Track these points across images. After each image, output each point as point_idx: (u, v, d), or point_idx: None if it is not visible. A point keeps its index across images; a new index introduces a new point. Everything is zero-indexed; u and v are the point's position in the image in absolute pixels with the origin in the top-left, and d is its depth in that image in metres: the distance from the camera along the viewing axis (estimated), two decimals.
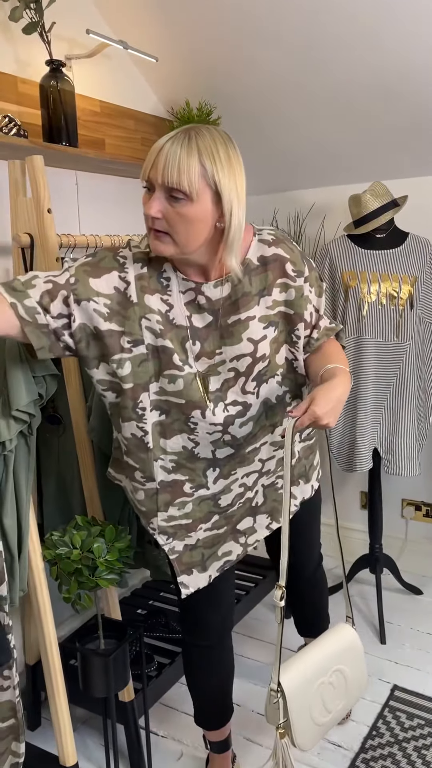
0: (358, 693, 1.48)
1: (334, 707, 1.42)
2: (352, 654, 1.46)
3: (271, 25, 2.29)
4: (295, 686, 1.34)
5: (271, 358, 1.36)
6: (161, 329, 1.28)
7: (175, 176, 1.13)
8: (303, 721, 1.35)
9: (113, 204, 2.57)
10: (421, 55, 2.22)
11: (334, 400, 1.21)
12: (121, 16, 2.42)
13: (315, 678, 1.38)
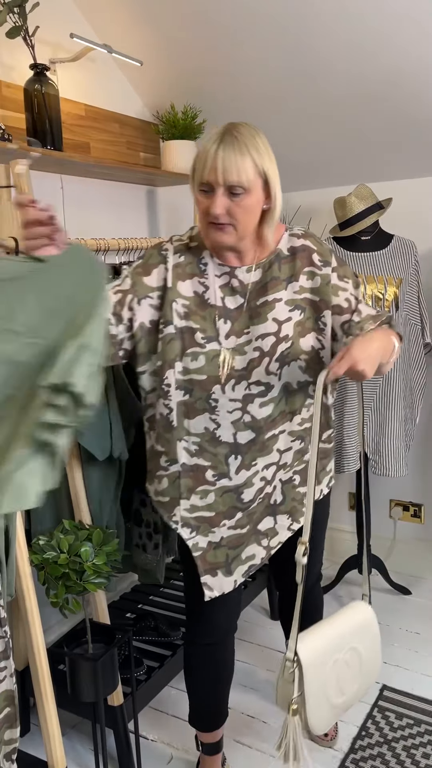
0: (372, 676, 1.41)
1: (349, 688, 1.34)
2: (368, 633, 1.40)
3: (256, 30, 2.30)
4: (312, 657, 1.26)
5: (294, 340, 1.42)
6: (187, 312, 1.40)
7: (235, 176, 1.27)
8: (318, 697, 1.27)
9: (99, 207, 2.57)
10: (406, 60, 2.24)
11: (372, 350, 1.26)
12: (105, 20, 2.43)
13: (331, 653, 1.31)
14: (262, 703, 2.15)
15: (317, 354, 1.47)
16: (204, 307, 1.41)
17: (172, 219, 3.01)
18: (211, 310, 1.41)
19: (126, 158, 2.64)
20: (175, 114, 2.61)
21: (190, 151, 2.64)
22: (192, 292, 1.42)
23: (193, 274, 1.42)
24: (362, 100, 2.45)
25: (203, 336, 1.41)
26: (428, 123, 2.46)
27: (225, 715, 1.77)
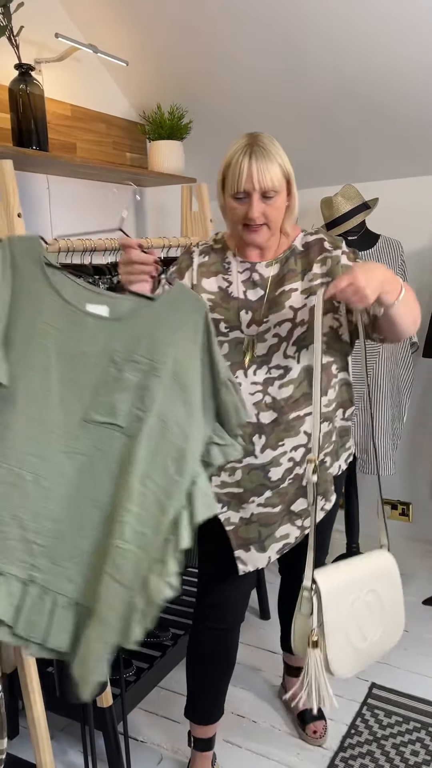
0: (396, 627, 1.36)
1: (371, 634, 1.29)
2: (389, 579, 1.35)
3: (243, 31, 2.30)
4: (330, 587, 1.23)
5: (310, 323, 1.50)
6: (212, 305, 1.54)
7: (269, 182, 1.41)
8: (338, 632, 1.22)
9: (85, 208, 2.56)
10: (391, 61, 2.25)
11: (375, 273, 1.29)
12: (90, 20, 2.42)
13: (349, 590, 1.27)
14: (252, 703, 2.15)
15: (336, 333, 1.54)
16: (228, 300, 1.55)
17: (160, 219, 3.00)
18: (234, 302, 1.54)
19: (112, 158, 2.64)
20: (161, 114, 2.61)
21: (177, 152, 2.64)
22: (217, 287, 1.56)
23: (218, 271, 1.57)
24: (348, 101, 2.46)
25: (227, 326, 1.53)
26: (414, 123, 2.48)
27: (221, 711, 1.79)
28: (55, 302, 1.18)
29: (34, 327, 1.17)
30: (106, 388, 1.18)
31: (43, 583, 1.18)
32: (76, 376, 1.18)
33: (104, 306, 1.19)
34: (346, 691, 2.18)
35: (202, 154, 2.94)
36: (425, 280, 2.80)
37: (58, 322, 1.17)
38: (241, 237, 1.51)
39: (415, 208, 2.79)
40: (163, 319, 1.20)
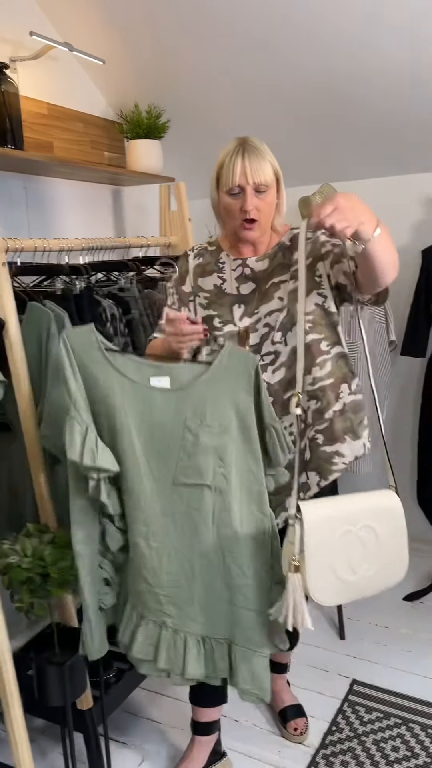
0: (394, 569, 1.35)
1: (362, 570, 1.30)
2: (391, 519, 1.34)
3: (218, 29, 2.30)
4: (315, 517, 1.27)
5: (290, 306, 1.58)
6: (208, 302, 1.65)
7: (262, 177, 1.51)
8: (319, 561, 1.27)
9: (63, 207, 2.55)
10: (369, 59, 2.26)
11: (355, 201, 1.34)
12: (66, 18, 2.40)
13: (340, 522, 1.29)
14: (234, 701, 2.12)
15: (322, 308, 1.59)
16: (222, 296, 1.65)
17: (139, 218, 2.99)
18: (227, 298, 1.64)
19: (90, 157, 2.63)
20: (139, 113, 2.60)
21: (155, 151, 2.63)
22: (212, 285, 1.66)
23: (213, 271, 1.67)
24: (325, 101, 2.47)
25: (220, 320, 1.63)
26: (391, 123, 2.49)
27: (224, 694, 1.79)
28: (123, 383, 1.33)
29: (112, 409, 1.33)
30: (187, 453, 1.33)
31: (173, 626, 1.43)
32: (157, 446, 1.34)
33: (166, 377, 1.32)
34: (327, 688, 2.19)
35: (181, 153, 2.94)
36: (404, 278, 2.81)
37: (130, 401, 1.32)
38: (235, 234, 1.60)
39: (392, 208, 2.80)
40: (222, 381, 1.31)
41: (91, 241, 2.09)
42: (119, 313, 1.94)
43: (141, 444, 1.34)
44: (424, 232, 2.76)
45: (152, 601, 1.42)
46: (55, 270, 1.84)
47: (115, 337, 1.92)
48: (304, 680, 2.23)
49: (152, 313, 2.12)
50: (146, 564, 1.41)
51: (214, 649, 1.47)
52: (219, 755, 1.88)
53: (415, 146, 2.58)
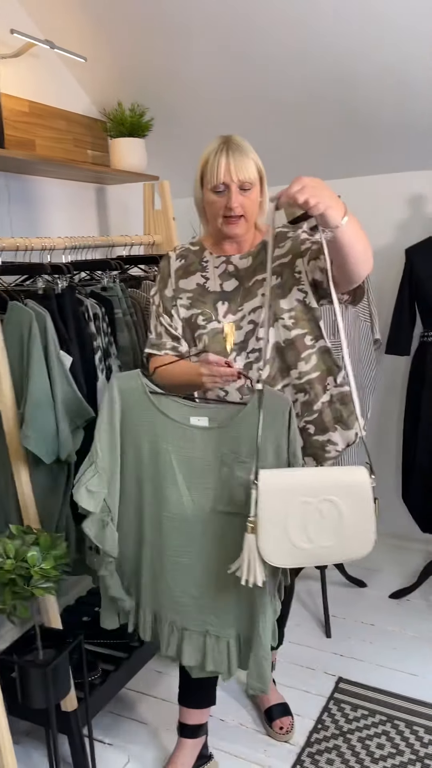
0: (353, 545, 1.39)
1: (320, 540, 1.36)
2: (357, 497, 1.37)
3: (202, 28, 2.29)
4: (272, 485, 1.36)
5: (273, 303, 1.60)
6: (191, 302, 1.66)
7: (246, 174, 1.53)
8: (272, 525, 1.35)
9: (46, 206, 2.53)
10: (349, 60, 2.26)
11: (321, 184, 1.34)
12: (48, 15, 2.39)
13: (299, 492, 1.35)
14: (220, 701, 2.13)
15: (303, 304, 1.62)
16: (205, 294, 1.66)
17: (123, 217, 2.98)
18: (211, 296, 1.65)
19: (74, 156, 2.61)
20: (122, 111, 2.59)
21: (139, 149, 2.62)
22: (195, 284, 1.67)
23: (196, 270, 1.68)
24: (308, 101, 2.47)
25: (204, 318, 1.64)
26: (375, 122, 2.50)
27: (213, 696, 1.82)
28: (165, 423, 1.48)
29: (157, 447, 1.49)
30: (224, 484, 1.47)
31: (215, 632, 1.57)
32: (197, 479, 1.48)
33: (205, 417, 1.47)
34: (313, 686, 2.20)
35: (165, 151, 2.93)
36: (388, 277, 2.83)
37: (172, 438, 1.48)
38: (220, 230, 1.61)
39: (376, 207, 2.81)
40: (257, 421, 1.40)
41: (73, 240, 2.08)
42: (102, 312, 1.93)
43: (182, 476, 1.50)
44: (408, 231, 2.77)
45: (195, 612, 1.57)
46: (37, 269, 1.83)
47: (98, 336, 1.90)
48: (291, 679, 2.23)
49: (136, 312, 2.11)
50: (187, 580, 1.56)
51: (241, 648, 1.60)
52: (206, 758, 1.87)
53: (398, 146, 2.59)
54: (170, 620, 1.60)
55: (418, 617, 2.58)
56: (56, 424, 1.70)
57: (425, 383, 2.43)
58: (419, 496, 2.49)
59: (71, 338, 1.82)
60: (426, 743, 1.92)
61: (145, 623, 1.63)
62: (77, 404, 1.75)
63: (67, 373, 1.74)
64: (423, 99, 2.34)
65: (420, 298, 2.47)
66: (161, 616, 1.61)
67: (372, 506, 1.39)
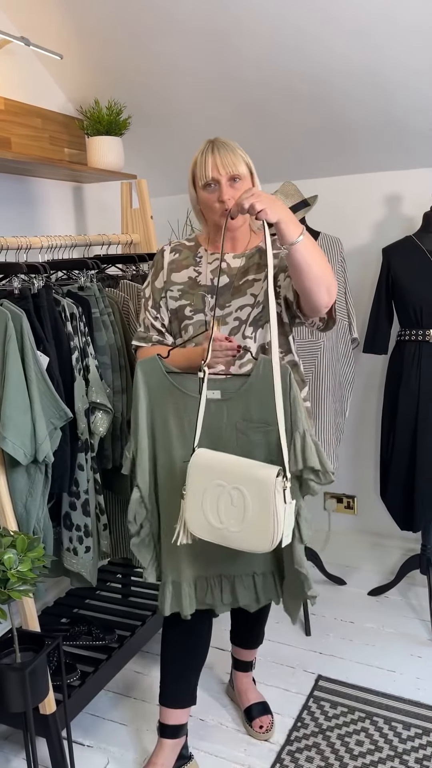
0: (256, 538, 1.45)
1: (228, 522, 1.47)
2: (257, 488, 1.43)
3: (179, 25, 2.28)
4: (198, 462, 1.51)
5: (265, 305, 1.66)
6: (181, 293, 1.72)
7: (233, 167, 1.61)
8: (194, 498, 1.50)
9: (22, 205, 2.51)
10: (330, 58, 2.27)
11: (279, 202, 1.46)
12: (23, 12, 2.36)
13: (215, 474, 1.48)
14: (199, 701, 2.14)
15: (279, 318, 1.70)
16: (195, 287, 1.72)
17: (100, 216, 2.96)
18: (201, 288, 1.71)
19: (50, 154, 2.59)
20: (99, 109, 2.57)
21: (116, 148, 2.60)
22: (187, 277, 1.73)
23: (189, 264, 1.75)
24: (286, 99, 2.48)
25: (191, 309, 1.71)
26: (353, 121, 2.51)
27: (193, 696, 1.83)
28: (185, 398, 1.60)
29: (180, 422, 1.62)
30: (245, 450, 1.58)
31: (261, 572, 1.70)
32: (217, 445, 1.58)
33: (218, 390, 1.58)
34: (293, 684, 2.21)
35: (142, 150, 2.92)
36: (365, 277, 2.84)
37: (192, 411, 1.59)
38: (216, 226, 1.68)
39: (354, 206, 2.83)
40: (262, 388, 1.54)
41: (50, 239, 2.06)
42: (79, 312, 1.91)
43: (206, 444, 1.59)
44: (385, 230, 2.79)
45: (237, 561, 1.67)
46: (13, 268, 1.81)
47: (75, 335, 1.89)
48: (270, 677, 2.24)
49: (113, 311, 2.09)
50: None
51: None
52: (186, 759, 1.87)
53: (374, 146, 2.61)
54: (218, 573, 1.69)
55: (397, 614, 2.60)
56: (33, 425, 1.68)
57: (402, 382, 2.45)
58: (397, 493, 2.51)
59: (48, 338, 1.81)
60: (404, 739, 1.94)
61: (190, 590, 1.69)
62: (54, 405, 1.74)
63: (44, 374, 1.73)
64: (398, 99, 2.36)
65: (397, 297, 2.49)
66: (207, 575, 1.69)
67: (273, 506, 1.42)
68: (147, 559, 1.72)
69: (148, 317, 1.77)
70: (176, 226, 3.12)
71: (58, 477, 1.83)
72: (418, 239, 2.47)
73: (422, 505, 2.45)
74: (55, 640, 1.66)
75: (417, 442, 2.43)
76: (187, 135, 2.78)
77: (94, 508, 1.97)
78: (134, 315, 2.19)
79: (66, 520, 1.94)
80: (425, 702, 2.10)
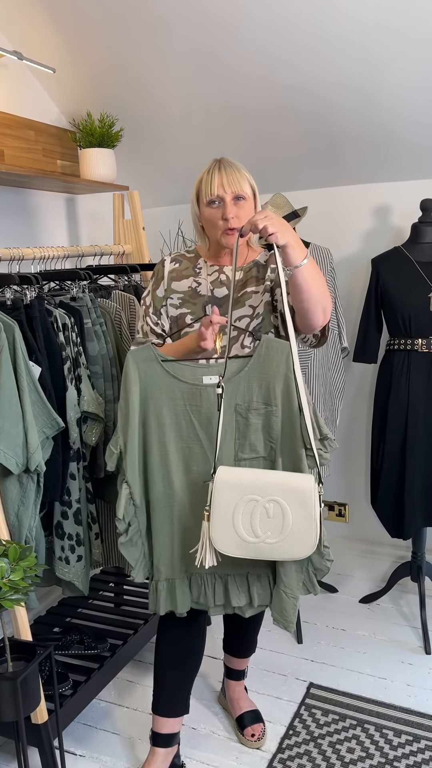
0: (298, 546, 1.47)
1: (264, 535, 1.48)
2: (299, 499, 1.47)
3: (170, 40, 2.32)
4: (226, 480, 1.49)
5: (265, 317, 1.71)
6: (181, 302, 1.76)
7: (238, 187, 1.65)
8: (222, 517, 1.49)
9: (14, 216, 2.53)
10: (317, 71, 2.30)
11: (286, 225, 1.49)
12: (16, 26, 2.39)
13: (248, 490, 1.48)
14: (192, 709, 2.14)
15: (277, 330, 1.74)
16: (196, 296, 1.75)
17: (93, 227, 2.99)
18: (201, 299, 1.75)
19: (43, 166, 2.61)
20: (92, 122, 2.60)
21: (108, 160, 2.63)
22: (187, 287, 1.77)
23: (189, 275, 1.78)
24: (277, 111, 2.51)
25: (192, 317, 1.74)
26: (342, 134, 2.54)
27: (186, 705, 1.84)
28: (182, 386, 1.59)
29: (176, 410, 1.60)
30: (242, 433, 1.59)
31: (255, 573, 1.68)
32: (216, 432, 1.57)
33: (217, 377, 1.56)
34: (285, 692, 2.21)
35: (134, 162, 2.95)
36: (354, 287, 2.87)
37: (189, 399, 1.59)
38: (218, 243, 1.71)
39: (342, 217, 2.86)
40: (263, 369, 1.55)
41: (42, 250, 2.08)
42: (71, 322, 1.93)
43: (205, 432, 1.60)
44: (374, 241, 2.83)
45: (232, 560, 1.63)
46: (6, 279, 1.82)
47: (67, 346, 1.91)
48: (262, 685, 2.25)
49: (105, 321, 2.11)
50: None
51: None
52: (178, 767, 1.87)
53: (363, 157, 2.65)
54: (211, 572, 1.67)
55: (388, 621, 2.62)
56: (25, 435, 1.69)
57: (391, 390, 2.48)
58: (387, 501, 2.53)
59: (40, 348, 1.82)
60: (395, 746, 1.95)
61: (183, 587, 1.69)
62: (46, 414, 1.75)
63: (36, 383, 1.74)
64: (387, 112, 2.40)
65: (386, 307, 2.52)
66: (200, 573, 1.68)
67: (315, 512, 1.48)
68: (135, 557, 1.69)
69: (148, 323, 1.79)
70: (168, 236, 3.15)
71: (50, 486, 1.85)
72: (407, 250, 2.50)
73: (412, 512, 2.47)
74: (47, 649, 1.66)
75: (407, 450, 2.45)
76: (178, 147, 2.81)
77: (86, 517, 1.98)
78: (126, 325, 2.21)
79: (58, 529, 1.95)
80: (416, 709, 2.11)
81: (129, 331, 2.21)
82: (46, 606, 2.67)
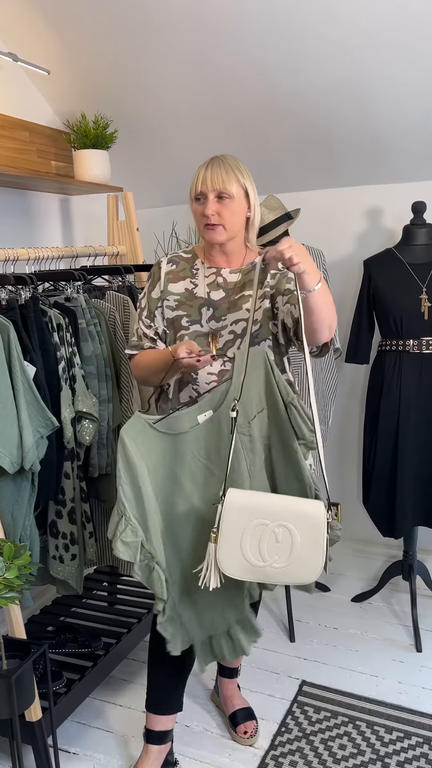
0: (305, 570, 1.48)
1: (272, 559, 1.47)
2: (309, 524, 1.46)
3: (164, 42, 2.33)
4: (235, 503, 1.47)
5: (263, 323, 1.73)
6: (178, 304, 1.76)
7: (221, 184, 1.64)
8: (230, 540, 1.47)
9: (10, 217, 2.54)
10: (310, 74, 2.32)
11: (305, 252, 1.48)
12: (11, 28, 2.40)
13: (258, 514, 1.46)
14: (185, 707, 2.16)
15: (275, 337, 1.75)
16: (192, 298, 1.76)
17: (87, 228, 3.00)
18: (197, 301, 1.75)
19: (37, 167, 2.62)
20: (86, 123, 2.61)
21: (103, 161, 2.64)
22: (183, 289, 1.77)
23: (186, 276, 1.78)
24: (271, 113, 2.53)
25: (188, 320, 1.74)
26: (336, 136, 2.57)
27: (180, 702, 1.84)
28: (183, 441, 1.57)
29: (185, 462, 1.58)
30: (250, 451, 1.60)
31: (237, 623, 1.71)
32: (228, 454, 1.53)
33: (210, 411, 1.57)
34: (277, 690, 2.23)
35: (128, 163, 2.96)
36: (347, 288, 2.90)
37: (196, 449, 1.58)
38: (203, 237, 1.72)
39: (335, 219, 2.88)
40: (247, 381, 1.54)
41: (37, 251, 2.09)
42: (66, 323, 1.94)
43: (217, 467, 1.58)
44: (366, 243, 2.85)
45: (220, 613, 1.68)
46: (0, 280, 1.84)
47: (61, 346, 1.92)
48: (255, 683, 2.26)
49: (99, 322, 2.13)
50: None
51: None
52: (171, 765, 1.89)
53: (355, 160, 2.67)
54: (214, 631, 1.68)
55: (379, 620, 2.64)
56: (20, 434, 1.71)
57: (383, 391, 2.50)
58: (379, 501, 2.55)
59: (35, 348, 1.84)
60: (386, 743, 1.97)
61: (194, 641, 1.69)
62: (41, 414, 1.76)
63: (30, 383, 1.75)
64: (380, 116, 2.42)
65: (378, 308, 2.54)
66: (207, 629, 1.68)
67: (323, 538, 1.47)
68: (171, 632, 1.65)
69: (142, 327, 1.80)
70: (162, 237, 3.16)
71: (45, 485, 1.86)
72: (398, 252, 2.53)
73: (404, 511, 2.49)
74: (41, 648, 1.67)
75: (398, 450, 2.48)
76: (172, 149, 2.83)
77: (80, 516, 1.99)
78: (120, 326, 2.22)
79: (52, 528, 1.96)
80: (407, 706, 2.13)
81: (123, 332, 2.23)
82: (40, 605, 2.68)
